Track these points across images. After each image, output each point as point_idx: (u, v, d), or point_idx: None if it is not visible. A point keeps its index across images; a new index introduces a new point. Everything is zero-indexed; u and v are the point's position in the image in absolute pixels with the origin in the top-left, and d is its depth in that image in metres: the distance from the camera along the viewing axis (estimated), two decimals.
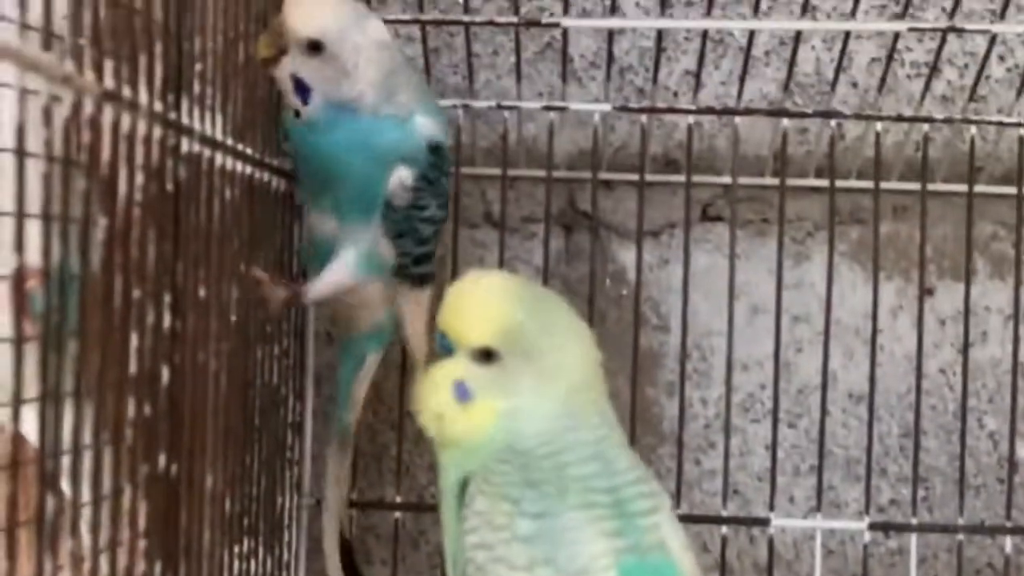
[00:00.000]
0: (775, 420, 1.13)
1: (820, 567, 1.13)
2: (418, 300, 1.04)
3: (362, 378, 1.06)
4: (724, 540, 1.12)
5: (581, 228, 1.22)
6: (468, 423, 0.80)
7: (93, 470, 0.65)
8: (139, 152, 0.70)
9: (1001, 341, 1.20)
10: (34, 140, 0.59)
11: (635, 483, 0.79)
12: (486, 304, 0.81)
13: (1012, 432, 1.13)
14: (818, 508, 1.13)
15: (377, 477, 1.21)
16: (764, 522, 1.13)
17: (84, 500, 0.65)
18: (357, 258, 0.99)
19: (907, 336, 1.20)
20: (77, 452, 0.63)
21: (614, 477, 0.78)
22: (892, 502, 1.21)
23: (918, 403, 1.13)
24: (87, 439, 0.65)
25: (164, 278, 0.74)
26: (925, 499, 1.21)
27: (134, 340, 0.70)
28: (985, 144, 1.18)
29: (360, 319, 1.05)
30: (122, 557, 0.70)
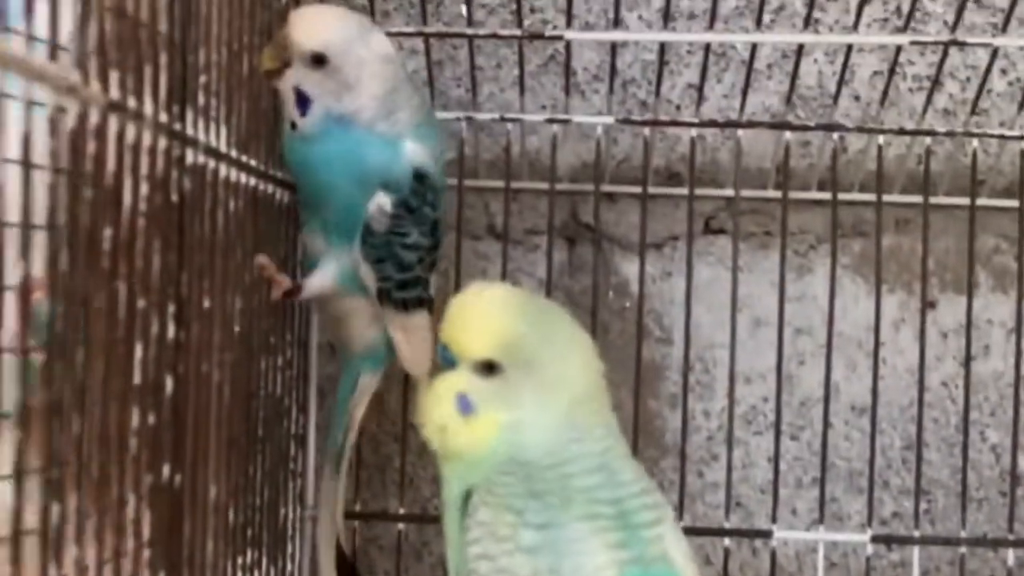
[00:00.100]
0: (777, 432, 1.13)
1: None
2: (408, 325, 1.02)
3: (357, 400, 1.06)
4: (727, 552, 1.12)
5: (584, 241, 1.22)
6: (471, 436, 0.80)
7: (98, 480, 0.65)
8: (144, 163, 0.70)
9: (1003, 354, 1.20)
10: (40, 150, 0.59)
11: (639, 495, 0.79)
12: (488, 317, 0.81)
13: (1014, 445, 1.13)
14: (820, 520, 1.13)
15: (380, 489, 1.21)
16: (767, 534, 1.13)
17: (88, 510, 0.65)
18: (337, 269, 0.99)
19: (909, 349, 1.20)
20: (82, 464, 0.64)
21: (618, 489, 0.78)
22: (894, 515, 1.21)
23: (920, 416, 1.13)
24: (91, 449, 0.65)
25: (168, 288, 0.74)
26: (927, 512, 1.21)
27: (138, 350, 0.70)
28: (987, 157, 1.18)
29: (351, 338, 1.04)
30: (126, 567, 0.70)
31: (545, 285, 1.15)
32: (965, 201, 1.15)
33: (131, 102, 0.68)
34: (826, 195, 1.17)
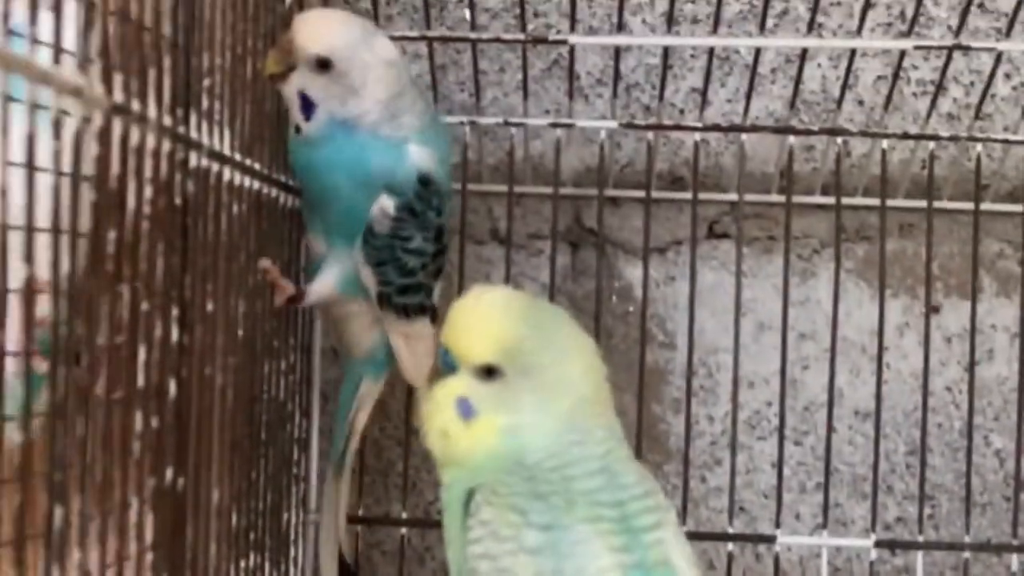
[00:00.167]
0: (781, 437, 1.13)
1: None
2: (409, 332, 1.02)
3: (359, 406, 1.05)
4: (730, 557, 1.12)
5: (587, 245, 1.22)
6: (471, 440, 0.80)
7: (101, 483, 0.65)
8: (148, 166, 0.70)
9: (1008, 359, 1.20)
10: (43, 153, 0.59)
11: (641, 497, 0.78)
12: (488, 321, 0.81)
13: (1018, 450, 1.13)
14: (824, 525, 1.13)
15: (383, 493, 1.21)
16: (770, 539, 1.13)
17: (92, 513, 0.65)
18: (339, 273, 0.99)
19: (913, 353, 1.20)
20: (85, 467, 0.64)
21: (620, 491, 0.78)
22: (898, 519, 1.21)
23: (924, 421, 1.12)
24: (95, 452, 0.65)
25: (172, 292, 0.74)
26: (931, 517, 1.21)
27: (142, 353, 0.70)
28: (991, 162, 1.18)
29: (352, 343, 1.04)
30: (129, 570, 0.70)
31: (548, 290, 1.15)
32: (969, 206, 1.15)
33: (135, 105, 0.68)
34: (830, 199, 1.16)
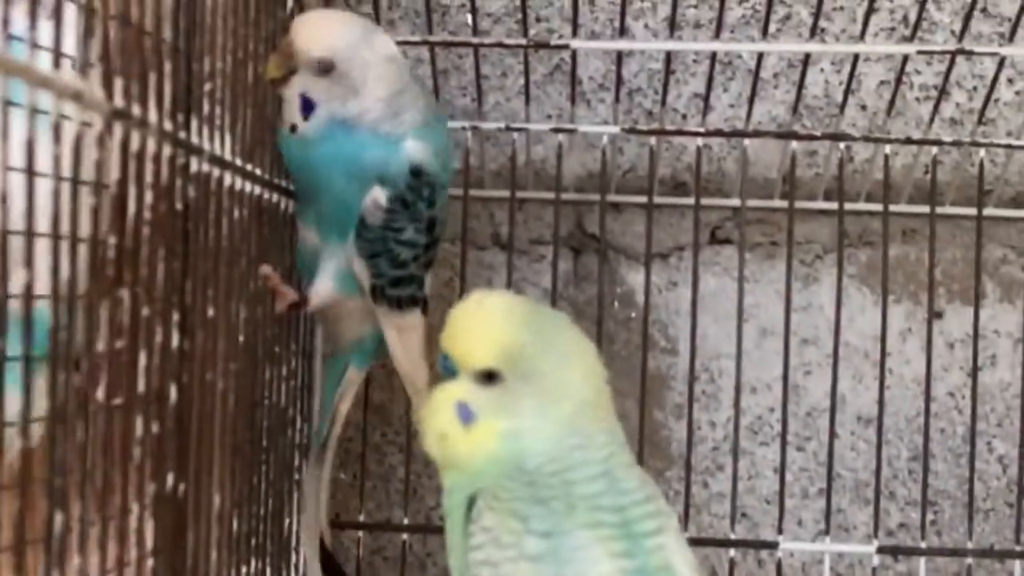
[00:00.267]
0: (783, 443, 1.12)
1: None
2: (401, 324, 1.01)
3: (342, 393, 1.05)
4: (732, 563, 1.12)
5: (589, 250, 1.22)
6: (471, 444, 0.80)
7: (102, 489, 0.65)
8: (148, 171, 0.70)
9: (1010, 365, 1.20)
10: (43, 158, 0.59)
11: (642, 503, 0.78)
12: (488, 326, 0.81)
13: (1021, 456, 1.12)
14: (827, 531, 1.13)
15: (385, 499, 1.21)
16: (772, 545, 1.13)
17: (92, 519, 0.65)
18: (335, 272, 0.99)
19: (916, 359, 1.19)
20: (86, 472, 0.63)
21: (621, 496, 0.78)
22: (901, 526, 1.21)
23: (927, 426, 1.12)
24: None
25: (172, 297, 0.74)
26: (934, 523, 1.20)
27: (142, 359, 0.70)
28: (994, 167, 1.18)
29: (340, 334, 1.04)
30: None
31: (550, 295, 1.15)
32: (972, 211, 1.15)
33: (135, 110, 0.68)
34: (832, 205, 1.16)
